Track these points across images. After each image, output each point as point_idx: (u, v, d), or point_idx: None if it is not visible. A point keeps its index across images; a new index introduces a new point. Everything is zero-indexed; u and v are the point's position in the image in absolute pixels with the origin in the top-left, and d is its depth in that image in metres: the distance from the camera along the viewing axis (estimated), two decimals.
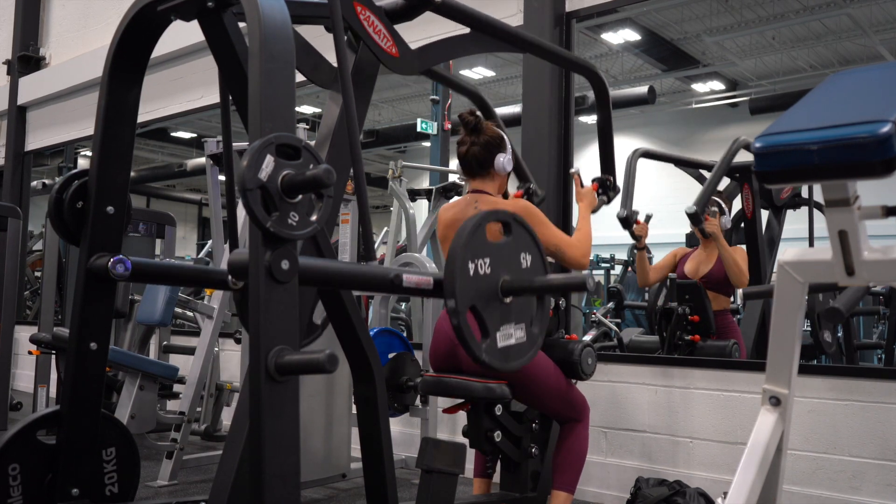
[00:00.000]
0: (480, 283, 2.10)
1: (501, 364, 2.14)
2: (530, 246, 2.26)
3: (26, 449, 2.28)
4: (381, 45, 2.39)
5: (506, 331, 2.16)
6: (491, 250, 2.14)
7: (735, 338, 4.02)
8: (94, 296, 2.30)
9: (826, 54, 12.23)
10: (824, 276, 1.39)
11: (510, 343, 2.17)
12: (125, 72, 2.33)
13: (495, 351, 2.13)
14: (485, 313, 2.11)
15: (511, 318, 2.18)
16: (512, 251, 2.21)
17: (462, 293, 2.04)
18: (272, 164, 1.64)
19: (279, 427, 1.68)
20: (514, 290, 2.16)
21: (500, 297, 2.14)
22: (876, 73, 1.45)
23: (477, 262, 2.09)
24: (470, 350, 2.07)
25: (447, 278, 2.05)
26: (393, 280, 2.04)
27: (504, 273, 2.16)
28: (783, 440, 1.48)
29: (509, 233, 2.21)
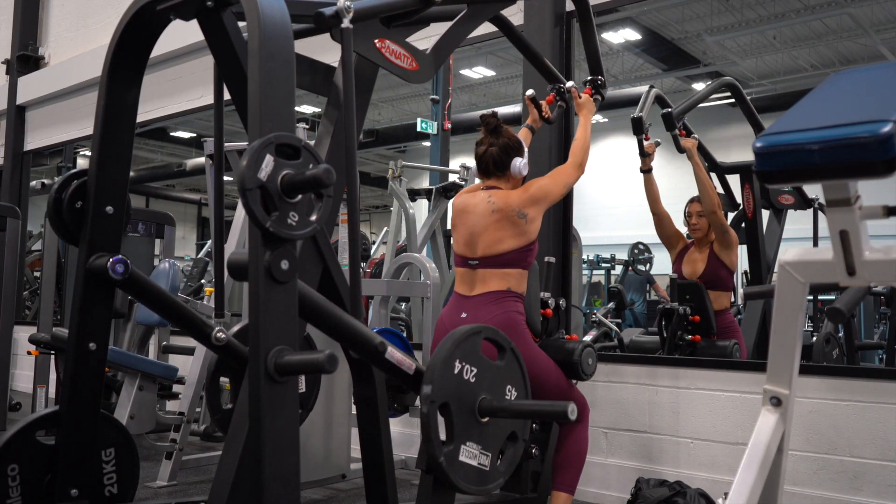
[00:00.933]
0: (461, 386, 2.11)
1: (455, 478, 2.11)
2: (518, 381, 2.29)
3: (25, 449, 2.27)
4: (403, 66, 2.45)
5: (471, 449, 2.15)
6: (480, 364, 2.15)
7: (736, 338, 4.01)
8: (93, 296, 2.29)
9: (827, 54, 12.23)
10: (825, 276, 1.39)
11: (471, 463, 2.15)
12: (124, 71, 2.33)
13: (455, 461, 2.11)
14: (456, 418, 2.11)
15: (481, 441, 2.18)
16: (500, 377, 2.24)
17: (440, 385, 2.04)
18: (272, 164, 1.64)
19: (279, 427, 1.68)
20: (492, 410, 2.16)
21: (476, 414, 2.14)
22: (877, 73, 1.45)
23: (464, 366, 2.10)
24: (430, 447, 2.05)
25: (430, 365, 2.04)
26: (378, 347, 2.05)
27: (486, 392, 2.17)
28: (784, 441, 1.47)
29: (502, 358, 2.23)
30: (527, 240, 2.90)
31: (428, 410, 2.02)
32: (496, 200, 2.91)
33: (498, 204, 2.90)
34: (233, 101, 2.41)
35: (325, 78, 2.47)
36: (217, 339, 2.40)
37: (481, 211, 2.93)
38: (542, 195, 2.94)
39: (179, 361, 4.87)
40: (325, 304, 2.01)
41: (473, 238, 2.94)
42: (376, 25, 2.36)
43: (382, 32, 2.38)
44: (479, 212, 2.94)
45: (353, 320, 2.07)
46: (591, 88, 3.44)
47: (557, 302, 3.18)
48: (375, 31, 2.35)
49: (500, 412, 2.18)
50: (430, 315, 4.09)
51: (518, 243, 2.89)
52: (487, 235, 2.90)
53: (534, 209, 2.91)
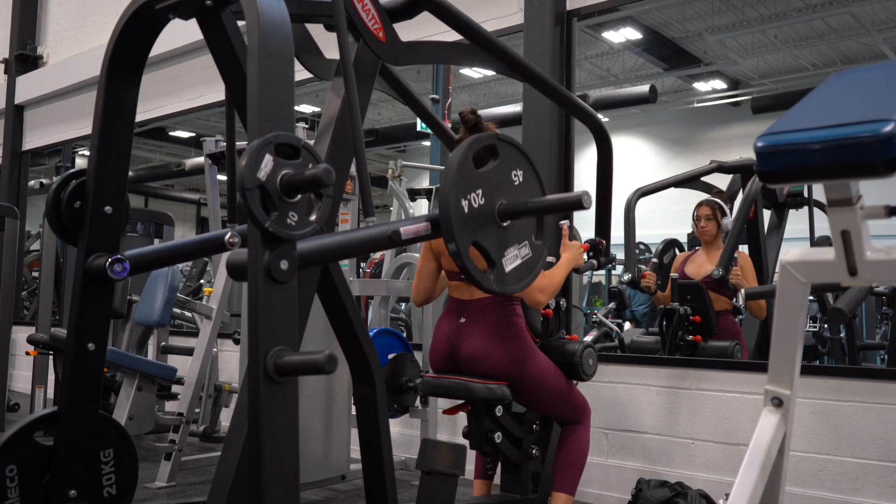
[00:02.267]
0: (477, 216, 2.07)
1: (513, 287, 2.13)
2: (520, 160, 2.21)
3: (24, 450, 2.26)
4: (368, 25, 2.34)
5: (510, 254, 2.14)
6: (481, 180, 2.10)
7: (737, 338, 4.01)
8: (91, 296, 2.28)
9: (828, 53, 12.22)
10: (827, 277, 1.38)
11: (516, 264, 2.15)
12: (123, 71, 2.32)
13: (504, 277, 2.11)
14: (487, 245, 2.09)
15: (513, 240, 2.16)
16: (502, 173, 2.16)
17: (461, 233, 2.02)
18: (271, 164, 1.63)
19: (278, 428, 1.67)
20: (510, 213, 2.13)
21: (499, 223, 2.12)
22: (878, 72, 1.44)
23: (470, 197, 2.06)
24: (480, 285, 2.06)
25: (443, 222, 2.02)
26: (391, 237, 2.01)
27: (499, 198, 2.13)
28: (785, 441, 1.46)
29: (496, 156, 2.17)
30: None
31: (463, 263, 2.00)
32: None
33: None
34: (232, 100, 2.40)
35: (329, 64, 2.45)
36: (230, 243, 2.37)
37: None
38: None
39: (178, 362, 4.87)
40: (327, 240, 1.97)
41: None
42: None
43: None
44: None
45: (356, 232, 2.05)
46: (588, 246, 3.12)
47: (558, 302, 3.17)
48: None
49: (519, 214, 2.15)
50: (429, 315, 4.09)
51: None
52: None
53: None
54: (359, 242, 2.02)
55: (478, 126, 2.93)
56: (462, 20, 2.56)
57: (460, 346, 2.85)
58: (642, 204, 4.27)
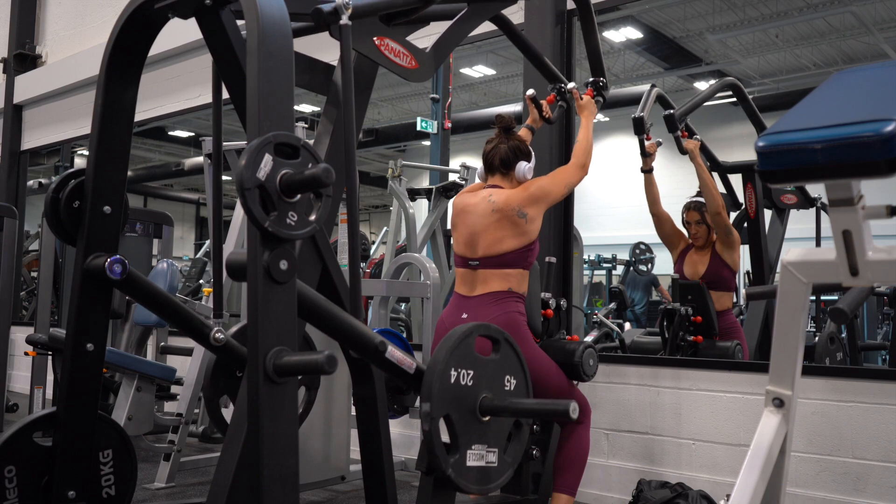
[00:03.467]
0: (460, 393, 2.09)
1: (466, 484, 2.12)
2: (516, 369, 2.26)
3: (22, 451, 2.26)
4: (403, 65, 2.44)
5: (478, 451, 2.14)
6: (476, 364, 2.13)
7: (738, 339, 4.00)
8: (90, 296, 2.28)
9: (830, 52, 12.22)
10: (828, 277, 1.38)
11: (479, 464, 2.14)
12: (122, 70, 2.31)
13: (463, 468, 2.10)
14: (458, 427, 2.09)
15: (486, 440, 2.16)
16: (497, 370, 2.21)
17: (438, 399, 2.02)
18: (270, 164, 1.63)
19: (277, 429, 1.66)
20: (493, 409, 2.14)
21: (478, 415, 2.13)
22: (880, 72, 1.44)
23: (460, 372, 2.08)
24: (436, 461, 2.05)
25: (426, 380, 2.03)
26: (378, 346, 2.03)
27: (486, 391, 2.15)
28: (787, 442, 1.46)
29: (497, 351, 2.21)
30: (527, 240, 2.89)
31: (430, 427, 2.00)
32: (496, 199, 2.91)
33: (498, 203, 2.89)
34: (231, 100, 2.40)
35: (324, 76, 2.46)
36: (216, 340, 2.38)
37: (481, 210, 2.93)
38: (542, 194, 2.93)
39: (178, 362, 4.86)
40: (324, 304, 1.99)
41: (474, 238, 2.93)
42: (375, 23, 2.35)
43: (382, 30, 2.37)
44: (479, 211, 2.94)
45: (352, 319, 2.05)
46: (593, 90, 3.42)
47: (558, 302, 3.16)
48: (375, 28, 2.34)
49: (501, 412, 2.16)
50: (430, 315, 4.08)
51: (519, 243, 2.88)
52: (488, 235, 2.89)
53: (534, 208, 2.90)
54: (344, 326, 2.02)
55: (511, 130, 3.05)
56: None
57: None
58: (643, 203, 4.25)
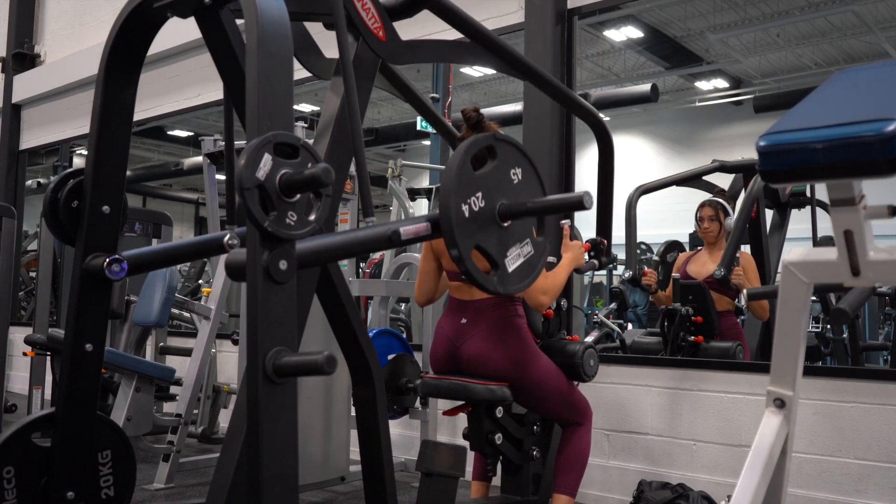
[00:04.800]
0: (478, 219, 2.06)
1: (517, 286, 2.12)
2: (518, 159, 2.20)
3: (21, 451, 2.25)
4: (368, 24, 2.34)
5: (512, 253, 2.13)
6: (480, 182, 2.09)
7: (739, 339, 3.99)
8: (89, 296, 2.27)
9: (831, 52, 12.21)
10: (829, 277, 1.38)
11: (519, 263, 2.14)
12: (121, 69, 2.31)
13: (507, 277, 2.10)
14: (489, 247, 2.08)
15: (514, 239, 2.14)
16: (501, 173, 2.15)
17: (463, 238, 2.00)
18: (270, 163, 1.62)
19: (277, 429, 1.66)
20: (511, 214, 2.12)
21: (500, 224, 2.11)
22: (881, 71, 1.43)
23: (470, 201, 2.05)
24: (484, 287, 2.05)
25: (445, 228, 2.01)
26: (391, 237, 1.99)
27: (499, 198, 2.11)
28: (788, 443, 1.46)
29: (494, 156, 2.16)
30: None
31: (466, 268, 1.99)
32: None
33: None
34: (231, 99, 2.39)
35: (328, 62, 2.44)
36: (229, 245, 2.35)
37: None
38: None
39: (177, 363, 4.85)
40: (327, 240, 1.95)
41: None
42: None
43: None
44: None
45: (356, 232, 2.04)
46: (590, 246, 3.13)
47: (559, 303, 3.16)
48: None
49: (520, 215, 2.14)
50: (429, 316, 4.07)
51: None
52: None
53: None
54: (358, 242, 2.00)
55: (480, 124, 2.91)
56: (462, 18, 2.55)
57: (461, 346, 2.84)
58: (643, 203, 4.26)
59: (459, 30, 2.59)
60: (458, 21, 2.55)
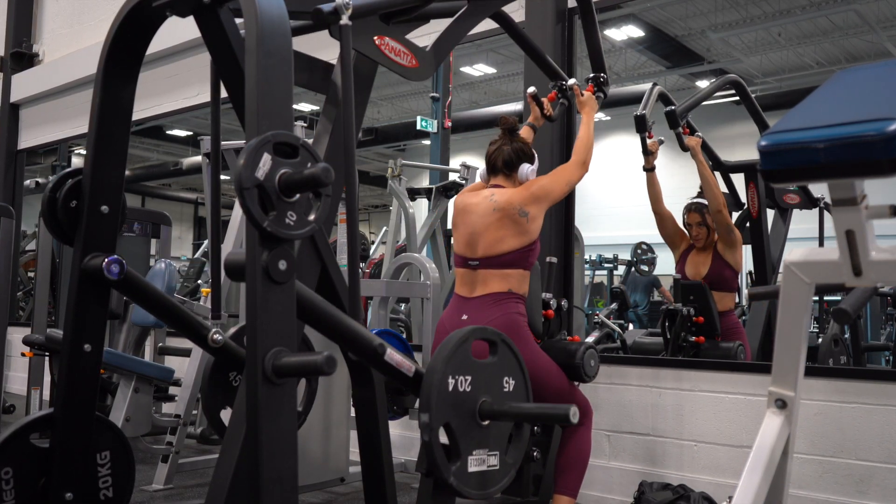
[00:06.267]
0: (458, 400, 2.08)
1: (468, 490, 2.11)
2: (514, 370, 2.25)
3: (19, 452, 2.24)
4: (403, 63, 2.43)
5: (479, 455, 2.13)
6: (474, 368, 2.12)
7: (740, 339, 3.99)
8: (88, 297, 2.26)
9: (833, 51, 12.21)
10: (831, 277, 1.37)
11: (481, 469, 2.14)
12: (120, 69, 2.30)
13: (465, 475, 2.10)
14: (458, 433, 2.09)
15: (486, 443, 2.16)
16: (495, 373, 2.20)
17: (437, 409, 2.02)
18: (269, 163, 1.62)
19: (276, 430, 1.65)
20: (492, 413, 2.14)
21: (478, 420, 2.12)
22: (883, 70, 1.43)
23: (458, 379, 2.07)
24: (438, 471, 2.04)
25: (424, 390, 2.02)
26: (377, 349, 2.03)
27: (484, 395, 2.14)
28: (789, 443, 1.45)
29: (495, 353, 2.19)
30: (528, 239, 2.88)
31: (430, 437, 2.00)
32: (498, 199, 2.90)
33: (500, 202, 2.88)
34: (230, 99, 2.38)
35: (323, 75, 2.44)
36: (214, 342, 2.37)
37: (482, 210, 2.92)
38: (543, 193, 2.92)
39: (176, 363, 4.84)
40: (322, 305, 1.98)
41: (474, 238, 2.92)
42: (375, 22, 2.34)
43: (382, 29, 2.35)
44: (480, 211, 2.93)
45: (351, 321, 2.04)
46: (594, 86, 3.41)
47: (559, 303, 3.15)
48: (374, 27, 2.33)
49: (500, 416, 2.15)
50: (429, 316, 4.06)
51: (519, 243, 2.87)
52: (488, 235, 2.88)
53: (535, 207, 2.89)
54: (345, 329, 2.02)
55: (515, 131, 3.04)
56: None
57: None
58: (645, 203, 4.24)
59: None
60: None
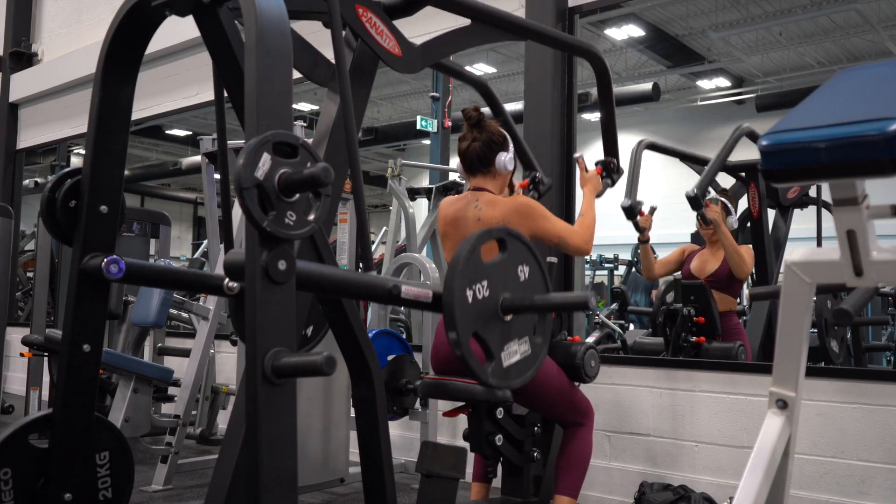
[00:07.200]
0: (480, 307, 2.07)
1: (509, 383, 2.12)
2: (527, 257, 2.22)
3: (18, 453, 2.23)
4: (384, 45, 2.36)
5: (510, 349, 2.13)
6: (487, 271, 2.10)
7: (741, 339, 3.99)
8: (87, 297, 2.26)
9: (834, 50, 12.20)
10: (832, 277, 1.37)
11: (515, 360, 2.14)
12: (119, 68, 2.29)
13: (501, 372, 2.10)
14: (487, 337, 2.08)
15: (513, 335, 2.15)
16: (509, 267, 2.17)
17: (463, 323, 2.01)
18: (269, 163, 1.61)
19: (276, 431, 1.65)
20: (514, 308, 2.13)
21: (501, 317, 2.11)
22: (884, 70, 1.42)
23: (475, 288, 2.06)
24: (479, 378, 2.04)
25: (446, 310, 2.02)
26: (391, 290, 2.01)
27: (503, 291, 2.13)
28: (790, 444, 1.45)
29: (504, 249, 2.18)
30: None
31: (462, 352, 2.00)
32: (482, 206, 2.85)
33: (483, 212, 2.84)
34: (230, 99, 2.38)
35: (326, 68, 2.44)
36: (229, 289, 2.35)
37: (469, 221, 2.87)
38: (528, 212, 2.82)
39: (175, 364, 4.84)
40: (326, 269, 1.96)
41: None
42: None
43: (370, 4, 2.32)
44: (468, 223, 2.87)
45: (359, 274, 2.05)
46: (602, 168, 3.23)
47: None
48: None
49: (522, 310, 2.15)
50: (429, 317, 4.06)
51: None
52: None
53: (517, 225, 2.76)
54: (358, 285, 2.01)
55: (481, 123, 2.90)
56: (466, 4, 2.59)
57: None
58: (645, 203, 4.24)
59: (463, 14, 2.61)
60: (459, 6, 2.57)
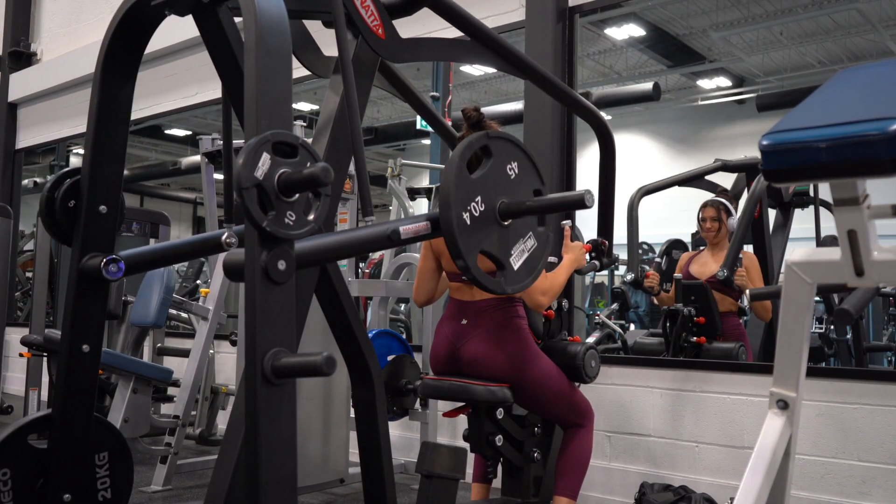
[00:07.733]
0: (479, 224, 2.06)
1: (525, 283, 2.13)
2: (513, 152, 2.18)
3: (17, 453, 2.23)
4: (367, 22, 2.32)
5: (516, 250, 2.12)
6: (478, 185, 2.08)
7: (742, 340, 3.98)
8: (86, 297, 2.25)
9: (835, 50, 12.20)
10: (833, 277, 1.37)
11: (523, 259, 2.13)
12: (118, 68, 2.29)
13: (513, 276, 2.10)
14: (493, 249, 2.07)
15: (517, 235, 2.13)
16: (498, 170, 2.14)
17: (467, 247, 2.00)
18: (268, 163, 1.61)
19: (275, 431, 1.64)
20: (512, 213, 2.11)
21: (501, 224, 2.10)
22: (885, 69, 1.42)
23: (470, 208, 2.04)
24: (493, 291, 2.06)
25: (448, 238, 2.00)
26: (390, 236, 1.99)
27: (499, 197, 2.10)
28: (791, 444, 1.44)
29: (489, 155, 2.14)
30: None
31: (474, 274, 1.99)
32: None
33: None
34: (229, 98, 2.38)
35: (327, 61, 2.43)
36: (228, 244, 2.34)
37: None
38: None
39: (174, 364, 4.84)
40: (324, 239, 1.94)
41: None
42: None
43: None
44: None
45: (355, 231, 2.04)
46: (591, 247, 3.11)
47: (560, 303, 3.14)
48: None
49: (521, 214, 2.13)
50: (429, 316, 4.06)
51: None
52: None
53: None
54: (357, 242, 2.00)
55: (480, 123, 2.89)
56: (462, 16, 2.53)
57: (462, 348, 2.82)
58: (645, 203, 4.25)
59: (459, 28, 2.57)
60: (458, 19, 2.53)
